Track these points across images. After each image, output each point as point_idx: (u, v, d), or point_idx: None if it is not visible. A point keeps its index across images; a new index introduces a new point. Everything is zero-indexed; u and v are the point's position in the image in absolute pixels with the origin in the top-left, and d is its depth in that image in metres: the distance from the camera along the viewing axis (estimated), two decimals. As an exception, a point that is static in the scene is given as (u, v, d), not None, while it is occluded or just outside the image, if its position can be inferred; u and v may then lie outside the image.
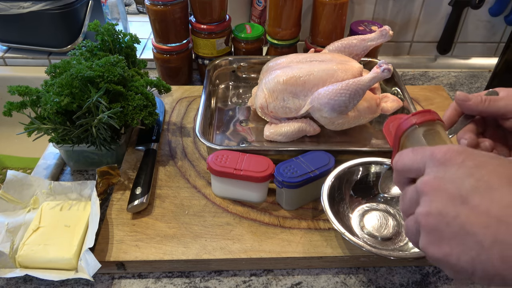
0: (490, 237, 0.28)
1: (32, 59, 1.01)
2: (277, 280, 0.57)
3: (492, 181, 0.30)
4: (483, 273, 0.29)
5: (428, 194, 0.32)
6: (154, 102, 0.68)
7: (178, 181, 0.68)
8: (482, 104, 0.46)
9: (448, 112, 0.50)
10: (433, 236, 0.32)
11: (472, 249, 0.29)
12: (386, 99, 0.76)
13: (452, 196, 0.31)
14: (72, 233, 0.58)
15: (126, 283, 0.56)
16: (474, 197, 0.30)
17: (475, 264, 0.29)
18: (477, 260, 0.29)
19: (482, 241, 0.29)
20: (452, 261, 0.30)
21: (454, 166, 0.31)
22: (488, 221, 0.29)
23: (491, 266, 0.28)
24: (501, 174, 0.30)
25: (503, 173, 0.30)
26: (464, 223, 0.30)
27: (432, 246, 0.32)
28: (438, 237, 0.31)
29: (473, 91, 0.97)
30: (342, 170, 0.62)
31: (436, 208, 0.31)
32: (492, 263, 0.28)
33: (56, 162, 0.73)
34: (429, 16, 1.01)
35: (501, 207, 0.28)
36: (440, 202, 0.31)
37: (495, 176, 0.30)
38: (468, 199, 0.30)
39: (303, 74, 0.69)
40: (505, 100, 0.46)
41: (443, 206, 0.31)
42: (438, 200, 0.31)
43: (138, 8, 1.22)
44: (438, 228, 0.31)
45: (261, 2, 0.98)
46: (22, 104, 0.63)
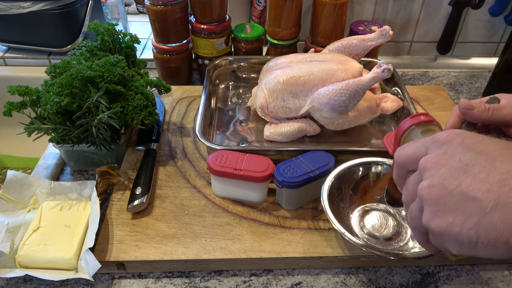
0: (492, 201, 0.29)
1: (32, 59, 1.01)
2: (277, 280, 0.57)
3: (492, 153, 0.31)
4: (486, 239, 0.30)
5: (430, 169, 0.33)
6: (154, 102, 0.68)
7: (178, 181, 0.68)
8: (486, 113, 0.47)
9: (451, 119, 0.50)
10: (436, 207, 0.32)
11: (475, 215, 0.30)
12: (386, 99, 0.76)
13: (453, 167, 0.32)
14: (72, 233, 0.58)
15: (126, 283, 0.56)
16: (475, 167, 0.31)
17: (478, 230, 0.30)
18: (480, 225, 0.30)
19: (484, 205, 0.30)
20: (455, 231, 0.31)
21: (455, 143, 0.33)
22: (489, 186, 0.30)
23: (494, 229, 0.29)
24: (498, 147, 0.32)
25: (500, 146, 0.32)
26: (466, 190, 0.31)
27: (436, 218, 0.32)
28: (441, 208, 0.32)
29: (473, 91, 0.97)
30: (342, 170, 0.62)
31: (438, 179, 0.32)
32: (495, 226, 0.29)
33: (56, 162, 0.73)
34: (429, 16, 1.01)
35: (501, 173, 0.30)
36: (442, 174, 0.32)
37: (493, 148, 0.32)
38: (469, 169, 0.31)
39: (303, 74, 0.69)
40: (508, 109, 0.46)
41: (445, 177, 0.32)
42: (440, 173, 0.33)
43: (138, 8, 1.22)
44: (441, 198, 0.32)
45: (261, 2, 0.98)
46: (22, 104, 0.63)
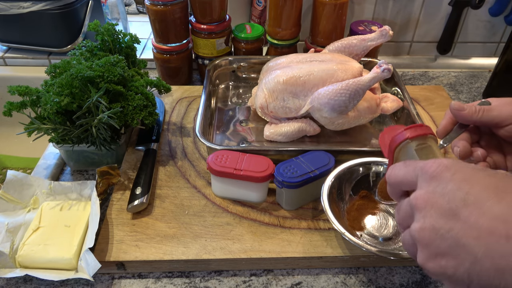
0: (482, 248, 0.29)
1: (32, 59, 1.01)
2: (277, 280, 0.57)
3: (480, 194, 0.31)
4: (478, 283, 0.30)
5: (421, 209, 0.33)
6: (154, 102, 0.68)
7: (178, 181, 0.68)
8: (476, 114, 0.48)
9: (443, 121, 0.52)
10: (429, 251, 0.33)
11: (466, 261, 0.30)
12: (386, 99, 0.76)
13: (443, 210, 0.32)
14: (72, 233, 0.58)
15: (126, 283, 0.56)
16: (464, 210, 0.31)
17: (471, 275, 0.30)
18: (472, 271, 0.30)
19: (475, 252, 0.30)
20: (449, 273, 0.31)
21: (444, 180, 0.33)
22: (478, 233, 0.30)
23: (486, 276, 0.29)
24: (488, 186, 0.31)
25: (489, 185, 0.31)
26: (457, 236, 0.31)
27: (429, 261, 0.33)
28: (434, 251, 0.32)
29: (473, 91, 0.97)
30: (342, 170, 0.62)
31: (429, 223, 0.32)
32: (486, 272, 0.29)
33: (56, 162, 0.73)
34: (429, 16, 1.01)
35: (489, 219, 0.30)
36: (432, 216, 0.32)
37: (483, 188, 0.31)
38: (459, 213, 0.31)
39: (303, 74, 0.69)
40: (497, 110, 0.48)
41: (435, 221, 0.32)
42: (430, 215, 0.32)
43: (138, 8, 1.22)
44: (433, 242, 0.32)
45: (261, 2, 0.98)
46: (22, 104, 0.63)
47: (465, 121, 0.50)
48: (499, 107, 0.48)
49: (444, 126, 0.52)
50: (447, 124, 0.52)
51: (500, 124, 0.48)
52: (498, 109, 0.48)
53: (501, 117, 0.47)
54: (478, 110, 0.48)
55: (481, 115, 0.48)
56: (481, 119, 0.48)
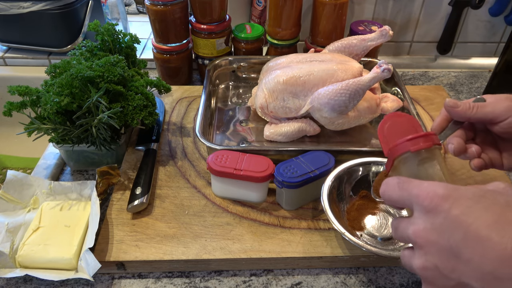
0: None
1: (32, 59, 1.01)
2: (277, 280, 0.57)
3: (480, 232, 0.30)
4: None
5: (421, 247, 0.33)
6: (154, 102, 0.68)
7: (178, 181, 0.68)
8: (470, 110, 0.48)
9: (438, 118, 0.52)
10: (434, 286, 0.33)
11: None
12: (386, 99, 0.76)
13: (444, 249, 0.31)
14: (72, 233, 0.58)
15: (126, 283, 0.56)
16: (465, 250, 0.30)
17: None
18: None
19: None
20: None
21: (441, 214, 0.32)
22: (482, 276, 0.29)
23: None
24: (488, 221, 0.30)
25: (489, 220, 0.30)
26: (461, 276, 0.31)
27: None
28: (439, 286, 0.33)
29: (473, 91, 0.97)
30: (342, 170, 0.62)
31: (431, 262, 0.32)
32: None
33: (56, 162, 0.73)
34: (429, 16, 1.01)
35: (492, 260, 0.29)
36: (434, 256, 0.32)
37: (482, 224, 0.30)
38: (461, 253, 0.30)
39: (303, 74, 0.69)
40: (491, 106, 0.48)
41: (438, 260, 0.32)
42: (432, 254, 0.32)
43: (138, 8, 1.22)
44: (437, 281, 0.32)
45: (261, 2, 0.98)
46: (22, 104, 0.63)
47: (460, 118, 0.50)
48: (493, 104, 0.48)
49: (438, 123, 0.52)
50: (442, 121, 0.52)
51: (494, 120, 0.48)
52: (492, 105, 0.48)
53: (495, 113, 0.47)
54: (472, 107, 0.48)
55: (475, 112, 0.48)
56: (475, 115, 0.48)
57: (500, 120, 0.47)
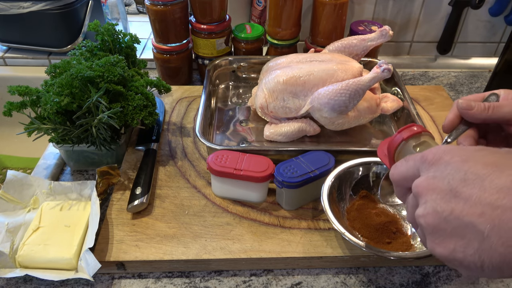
0: (487, 224, 0.28)
1: (32, 59, 1.01)
2: (277, 280, 0.57)
3: (479, 171, 0.30)
4: (490, 263, 0.29)
5: (422, 195, 0.33)
6: (154, 102, 0.68)
7: (178, 181, 0.68)
8: (486, 112, 0.46)
9: (450, 115, 0.49)
10: (436, 235, 0.32)
11: (474, 240, 0.29)
12: (386, 99, 0.76)
13: (444, 192, 0.31)
14: (72, 233, 0.58)
15: (126, 283, 0.56)
16: (464, 189, 0.30)
17: (481, 255, 0.29)
18: (481, 250, 0.29)
19: (481, 229, 0.29)
20: (459, 257, 0.30)
21: (443, 164, 0.32)
22: (482, 209, 0.29)
23: (496, 253, 0.28)
24: (487, 162, 0.31)
25: (488, 162, 0.31)
26: (460, 216, 0.30)
27: (438, 246, 0.32)
28: (441, 235, 0.31)
29: (473, 91, 0.97)
30: (342, 170, 0.62)
31: (431, 206, 0.32)
32: (496, 250, 0.28)
33: (56, 162, 0.73)
34: (429, 16, 1.01)
35: (491, 193, 0.29)
36: (434, 200, 0.32)
37: (482, 165, 0.30)
38: (459, 192, 0.30)
39: (303, 74, 0.69)
40: (508, 107, 0.45)
41: (437, 204, 0.31)
42: (432, 199, 0.32)
43: (138, 8, 1.22)
44: (438, 226, 0.32)
45: (261, 2, 0.98)
46: (22, 104, 0.63)
47: (474, 119, 0.47)
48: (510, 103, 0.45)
49: (450, 120, 0.49)
50: (454, 118, 0.49)
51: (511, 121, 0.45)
52: (509, 106, 0.45)
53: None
54: (487, 108, 0.46)
55: (491, 113, 0.45)
56: (491, 116, 0.45)
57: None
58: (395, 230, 0.59)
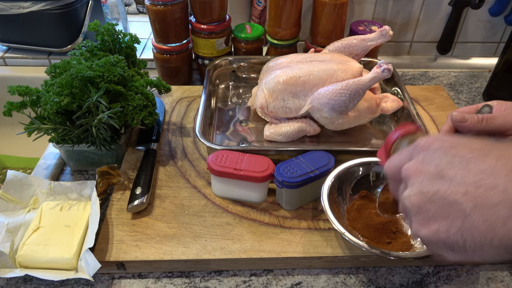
0: (470, 203, 0.29)
1: (32, 59, 1.01)
2: (277, 280, 0.57)
3: (466, 155, 0.31)
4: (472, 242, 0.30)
5: (410, 177, 0.34)
6: (154, 102, 0.68)
7: (178, 181, 0.68)
8: (479, 124, 0.47)
9: (444, 127, 0.51)
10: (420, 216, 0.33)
11: (457, 219, 0.30)
12: (386, 99, 0.76)
13: (430, 173, 0.32)
14: (72, 233, 0.58)
15: (126, 283, 0.56)
16: (450, 170, 0.31)
17: (463, 233, 0.30)
18: (464, 229, 0.30)
19: (464, 208, 0.30)
20: (442, 237, 0.31)
21: (432, 149, 0.34)
22: (466, 188, 0.30)
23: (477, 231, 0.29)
24: (473, 148, 0.32)
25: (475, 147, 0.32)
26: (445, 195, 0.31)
27: (422, 227, 0.33)
28: (425, 216, 0.32)
29: (473, 91, 0.97)
30: (342, 170, 0.62)
31: (417, 188, 0.33)
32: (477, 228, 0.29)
33: (56, 162, 0.73)
34: (429, 16, 1.01)
35: (476, 173, 0.30)
36: (421, 181, 0.33)
37: (468, 150, 0.32)
38: (445, 174, 0.31)
39: (303, 74, 0.69)
40: (501, 119, 0.47)
41: (423, 185, 0.32)
42: (418, 181, 0.33)
43: (138, 8, 1.22)
44: (422, 207, 0.32)
45: (261, 2, 0.98)
46: (22, 104, 0.63)
47: (468, 131, 0.48)
48: (504, 116, 0.46)
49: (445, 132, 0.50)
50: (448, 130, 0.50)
51: (505, 132, 0.46)
52: (502, 117, 0.46)
53: (506, 126, 0.46)
54: (481, 120, 0.46)
55: (485, 125, 0.46)
56: (484, 128, 0.46)
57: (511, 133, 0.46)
58: (395, 230, 0.59)
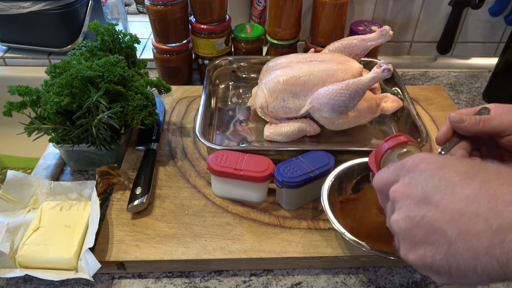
0: (455, 230, 0.29)
1: (32, 59, 1.01)
2: (277, 280, 0.57)
3: (452, 178, 0.31)
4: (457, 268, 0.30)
5: (397, 200, 0.34)
6: (154, 102, 0.68)
7: (178, 181, 0.68)
8: (477, 125, 0.48)
9: (443, 128, 0.51)
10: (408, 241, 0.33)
11: (442, 245, 0.30)
12: (386, 99, 0.76)
13: (417, 198, 0.32)
14: (72, 233, 0.58)
15: (126, 283, 0.56)
16: (436, 195, 0.31)
17: (448, 260, 0.30)
18: (449, 255, 0.30)
19: (449, 235, 0.30)
20: (428, 262, 0.31)
21: (419, 171, 0.33)
22: (451, 215, 0.30)
23: (462, 259, 0.29)
24: (459, 170, 0.31)
25: (461, 170, 0.32)
26: (431, 221, 0.31)
27: (409, 251, 0.33)
28: (412, 241, 0.32)
29: (473, 91, 0.97)
30: (342, 170, 0.62)
31: (405, 212, 0.33)
32: (462, 255, 0.29)
33: (56, 162, 0.73)
34: (429, 16, 1.01)
35: (460, 199, 0.30)
36: (408, 205, 0.33)
37: (454, 173, 0.31)
38: (431, 198, 0.31)
39: (303, 74, 0.69)
40: (498, 120, 0.47)
41: (410, 210, 0.32)
42: (406, 205, 0.33)
43: (138, 8, 1.22)
44: (410, 231, 0.32)
45: (261, 2, 0.98)
46: (22, 104, 0.63)
47: (466, 132, 0.49)
48: (501, 117, 0.47)
49: (443, 133, 0.51)
50: (446, 131, 0.51)
51: (502, 134, 0.47)
52: (499, 119, 0.47)
53: (503, 127, 0.46)
54: (478, 121, 0.47)
55: (482, 126, 0.47)
56: (482, 129, 0.47)
57: (507, 134, 0.46)
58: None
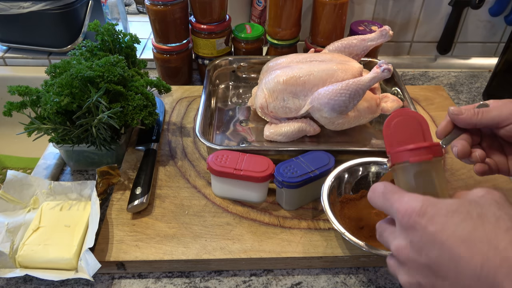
0: None
1: (32, 59, 1.01)
2: (277, 280, 0.57)
3: (453, 248, 0.31)
4: None
5: (403, 264, 0.36)
6: (154, 102, 0.68)
7: (178, 181, 0.68)
8: (475, 116, 0.48)
9: (443, 122, 0.52)
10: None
11: None
12: (386, 99, 0.76)
13: (423, 266, 0.34)
14: (72, 233, 0.58)
15: (126, 283, 0.56)
16: (441, 268, 0.32)
17: None
18: None
19: None
20: None
21: (419, 232, 0.34)
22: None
23: None
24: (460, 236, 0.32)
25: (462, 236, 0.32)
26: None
27: None
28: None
29: (473, 91, 0.97)
30: (342, 170, 0.62)
31: (415, 279, 0.35)
32: None
33: (56, 162, 0.73)
34: (429, 16, 1.01)
35: (466, 279, 0.31)
36: (416, 273, 0.34)
37: (455, 240, 0.32)
38: (438, 270, 0.33)
39: (303, 74, 0.69)
40: (496, 111, 0.48)
41: (420, 277, 0.34)
42: (414, 271, 0.35)
43: (138, 8, 1.22)
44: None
45: (261, 2, 0.98)
46: (22, 104, 0.63)
47: (465, 124, 0.49)
48: (499, 107, 0.48)
49: (443, 127, 0.51)
50: (446, 124, 0.51)
51: (500, 124, 0.47)
52: (498, 110, 0.48)
53: (501, 117, 0.47)
54: (476, 113, 0.48)
55: (481, 117, 0.48)
56: (480, 120, 0.48)
57: (506, 124, 0.47)
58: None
